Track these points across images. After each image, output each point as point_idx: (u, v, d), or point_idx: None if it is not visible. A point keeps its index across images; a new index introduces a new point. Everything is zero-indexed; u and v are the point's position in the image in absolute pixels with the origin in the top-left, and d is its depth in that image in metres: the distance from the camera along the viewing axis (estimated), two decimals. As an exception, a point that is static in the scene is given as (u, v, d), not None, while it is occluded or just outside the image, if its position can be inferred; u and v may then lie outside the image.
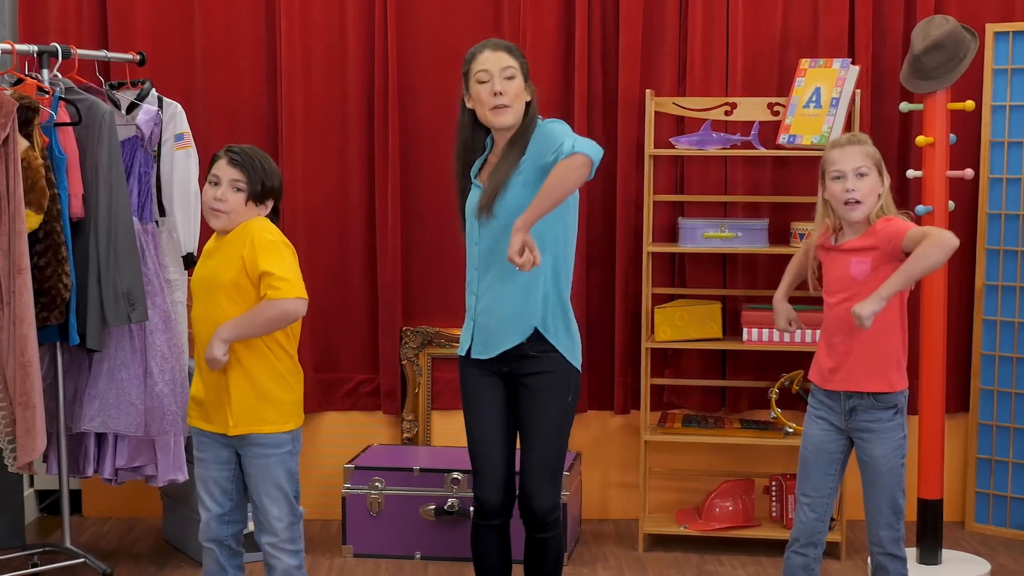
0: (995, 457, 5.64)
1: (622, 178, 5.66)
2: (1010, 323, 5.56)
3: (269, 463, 3.92)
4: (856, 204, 3.98)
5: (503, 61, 4.04)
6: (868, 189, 3.98)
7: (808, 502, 4.12)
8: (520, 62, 4.07)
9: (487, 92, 4.01)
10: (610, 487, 5.87)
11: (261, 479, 3.92)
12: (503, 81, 4.01)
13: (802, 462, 4.16)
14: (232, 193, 3.86)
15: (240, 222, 3.89)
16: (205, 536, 4.03)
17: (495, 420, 4.14)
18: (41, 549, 5.11)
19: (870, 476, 4.07)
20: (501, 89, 4.00)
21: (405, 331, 5.79)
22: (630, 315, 5.70)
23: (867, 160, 3.99)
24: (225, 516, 3.99)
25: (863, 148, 4.02)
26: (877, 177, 4.00)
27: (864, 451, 4.07)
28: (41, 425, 4.50)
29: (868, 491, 4.09)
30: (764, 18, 5.63)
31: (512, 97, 4.01)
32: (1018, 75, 5.51)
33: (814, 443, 4.12)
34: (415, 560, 5.33)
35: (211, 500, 4.00)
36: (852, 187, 3.97)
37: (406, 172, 5.72)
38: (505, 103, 4.00)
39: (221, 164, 3.89)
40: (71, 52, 4.94)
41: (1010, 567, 5.26)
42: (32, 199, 4.48)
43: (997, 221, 5.58)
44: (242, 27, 5.71)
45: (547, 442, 4.10)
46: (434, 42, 5.72)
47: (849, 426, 4.06)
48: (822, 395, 4.11)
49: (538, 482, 4.08)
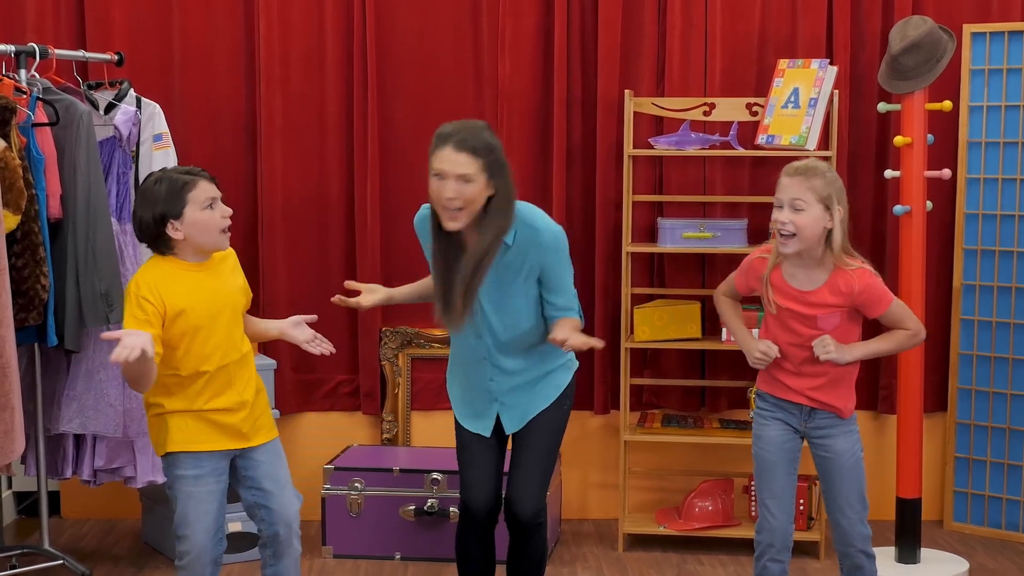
0: (973, 456, 5.66)
1: (601, 178, 5.67)
2: (987, 323, 5.58)
3: (276, 447, 3.98)
4: (789, 237, 3.88)
5: (461, 166, 3.78)
6: (804, 223, 3.85)
7: (775, 504, 4.07)
8: (484, 161, 3.81)
9: (437, 191, 3.82)
10: (590, 487, 5.87)
11: (274, 465, 3.95)
12: (457, 184, 3.80)
13: (762, 465, 4.10)
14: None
15: None
16: (202, 561, 3.83)
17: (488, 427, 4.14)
18: (19, 551, 5.09)
19: (836, 472, 4.04)
20: (454, 194, 3.79)
21: (384, 332, 5.79)
22: (609, 315, 5.71)
23: (807, 193, 3.85)
24: (219, 533, 3.91)
25: (808, 181, 3.86)
26: (822, 211, 3.86)
27: (826, 448, 4.04)
28: (20, 427, 4.48)
29: (836, 488, 4.05)
30: (742, 18, 5.65)
31: (466, 201, 3.81)
32: (995, 76, 5.53)
33: (775, 444, 4.08)
34: (395, 561, 5.32)
35: (210, 518, 3.84)
36: (785, 219, 3.87)
37: (385, 173, 5.71)
38: (458, 206, 3.81)
39: (207, 186, 3.77)
40: (48, 52, 4.92)
41: (988, 566, 5.28)
42: (10, 200, 4.46)
43: (974, 221, 5.60)
44: (220, 27, 5.69)
45: (540, 447, 4.10)
46: (413, 43, 5.71)
47: (808, 426, 4.06)
48: (774, 399, 4.10)
49: (527, 487, 4.07)
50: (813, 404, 4.03)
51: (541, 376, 4.09)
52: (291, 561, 3.97)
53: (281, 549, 3.95)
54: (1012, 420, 5.53)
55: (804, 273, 3.97)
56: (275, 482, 3.94)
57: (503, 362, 4.04)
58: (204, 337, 3.79)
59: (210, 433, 3.85)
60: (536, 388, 4.09)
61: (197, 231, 3.75)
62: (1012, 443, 5.54)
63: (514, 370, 4.05)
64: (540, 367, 4.08)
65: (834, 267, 3.94)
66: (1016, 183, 5.50)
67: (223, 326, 3.83)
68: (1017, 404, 5.52)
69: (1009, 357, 5.53)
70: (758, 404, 4.16)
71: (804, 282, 3.97)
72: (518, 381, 4.07)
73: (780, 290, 4.00)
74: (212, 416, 3.84)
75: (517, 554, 4.19)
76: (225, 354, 3.83)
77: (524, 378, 4.07)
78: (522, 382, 4.07)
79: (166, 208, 3.71)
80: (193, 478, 3.83)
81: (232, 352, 3.85)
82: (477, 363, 4.06)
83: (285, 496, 3.94)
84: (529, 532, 4.11)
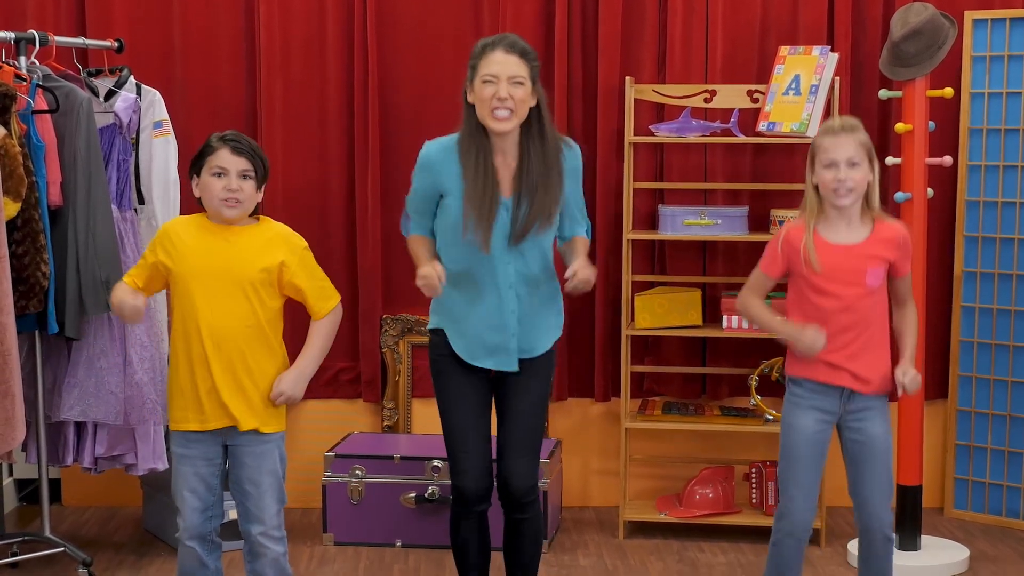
0: (974, 443, 5.66)
1: (602, 165, 5.66)
2: (988, 310, 5.58)
3: (266, 450, 3.94)
4: (848, 192, 3.93)
5: (512, 68, 3.92)
6: (859, 178, 3.93)
7: (800, 494, 4.03)
8: (532, 67, 3.96)
9: (490, 93, 3.91)
10: (590, 474, 5.87)
11: (257, 468, 3.93)
12: (510, 86, 3.91)
13: (793, 453, 4.04)
14: (243, 182, 3.87)
15: (249, 209, 3.92)
16: (188, 535, 3.96)
17: (475, 409, 4.14)
18: (20, 538, 5.09)
19: (871, 456, 4.02)
20: (507, 94, 3.90)
21: (385, 319, 5.79)
22: (610, 302, 5.70)
23: (860, 150, 3.93)
24: (208, 511, 3.96)
25: (855, 136, 3.94)
26: (868, 166, 3.95)
27: (863, 432, 4.02)
28: (20, 414, 4.48)
29: (868, 473, 4.02)
30: (743, 5, 5.64)
31: (517, 103, 3.92)
32: (996, 62, 5.52)
33: (807, 435, 4.02)
34: (396, 548, 5.33)
35: (194, 496, 3.94)
36: (844, 176, 3.91)
37: (386, 160, 5.71)
38: (509, 107, 3.91)
39: (224, 155, 3.85)
40: (48, 39, 4.91)
41: (989, 553, 5.28)
42: (10, 187, 4.46)
43: (975, 208, 5.60)
44: (221, 14, 5.69)
45: (528, 421, 4.12)
46: (414, 29, 5.70)
47: (846, 408, 4.02)
48: (813, 384, 4.03)
49: (518, 461, 4.09)
50: (855, 385, 4.00)
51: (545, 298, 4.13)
52: (268, 562, 3.97)
53: (255, 549, 3.97)
54: (1013, 407, 5.53)
55: (847, 229, 3.98)
56: (255, 485, 3.93)
57: (522, 286, 4.06)
58: (191, 292, 3.87)
59: (198, 412, 3.91)
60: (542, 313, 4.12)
61: (203, 194, 3.91)
62: (1013, 430, 5.54)
63: (528, 293, 4.07)
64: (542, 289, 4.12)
65: (873, 220, 3.99)
66: (1017, 170, 5.49)
67: (219, 291, 3.86)
68: (1018, 391, 5.52)
69: (1010, 344, 5.52)
70: (793, 390, 4.08)
71: (849, 236, 3.98)
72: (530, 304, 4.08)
73: (824, 250, 3.98)
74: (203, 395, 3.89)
75: (513, 533, 4.19)
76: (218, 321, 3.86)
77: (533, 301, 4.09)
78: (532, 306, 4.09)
79: (192, 166, 3.94)
80: (180, 456, 3.96)
81: (230, 323, 3.86)
82: (501, 289, 4.04)
83: (263, 500, 3.93)
84: (524, 506, 4.13)
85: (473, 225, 3.96)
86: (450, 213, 4.01)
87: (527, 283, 4.07)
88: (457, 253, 4.04)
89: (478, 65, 3.96)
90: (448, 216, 4.02)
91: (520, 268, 4.04)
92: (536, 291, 4.10)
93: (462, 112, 4.04)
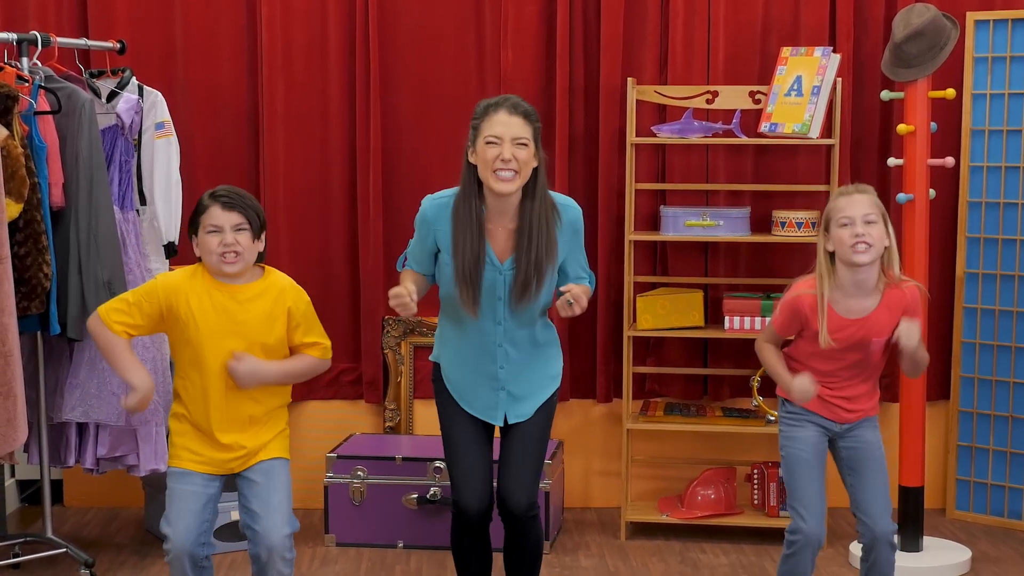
0: (976, 444, 5.66)
1: (604, 166, 5.66)
2: (990, 311, 5.58)
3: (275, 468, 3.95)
4: (867, 248, 3.92)
5: (516, 130, 3.88)
6: (878, 236, 3.94)
7: (810, 506, 4.04)
8: (535, 128, 3.93)
9: (494, 155, 3.87)
10: (592, 475, 5.87)
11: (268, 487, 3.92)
12: (514, 147, 3.87)
13: (796, 464, 4.08)
14: (239, 235, 3.86)
15: (250, 261, 3.92)
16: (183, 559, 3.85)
17: (478, 432, 4.13)
18: (22, 539, 5.09)
19: (870, 462, 4.07)
20: (511, 155, 3.86)
21: (387, 320, 5.79)
22: (612, 303, 5.70)
23: (875, 209, 3.95)
24: (201, 536, 3.90)
25: (870, 197, 3.98)
26: (884, 229, 3.96)
27: (858, 438, 4.08)
28: (22, 415, 4.48)
29: (869, 479, 4.07)
30: (745, 6, 5.63)
31: (521, 164, 3.88)
32: (998, 63, 5.52)
33: (810, 443, 4.08)
34: (398, 549, 5.33)
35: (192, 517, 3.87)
36: (862, 231, 3.92)
37: (387, 161, 5.71)
38: (513, 168, 3.87)
39: (216, 212, 3.85)
40: (51, 40, 4.91)
41: (991, 554, 5.28)
42: (12, 188, 4.46)
43: (977, 209, 5.60)
44: (223, 15, 5.69)
45: (530, 444, 4.11)
46: (415, 30, 5.70)
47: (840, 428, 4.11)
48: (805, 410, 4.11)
49: (519, 480, 4.07)
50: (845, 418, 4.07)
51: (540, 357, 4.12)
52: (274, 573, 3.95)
53: (263, 569, 3.93)
54: (1015, 408, 5.53)
55: (857, 297, 4.00)
56: (264, 505, 3.91)
57: (513, 348, 4.05)
58: (195, 350, 3.87)
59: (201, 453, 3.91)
60: (536, 372, 4.11)
61: (202, 252, 3.91)
62: (1015, 431, 5.54)
63: (520, 354, 4.07)
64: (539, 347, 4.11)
65: (885, 286, 4.00)
66: (1019, 171, 5.49)
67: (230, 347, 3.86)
68: (1020, 392, 5.51)
69: (1012, 345, 5.52)
70: (787, 408, 4.15)
71: (858, 311, 4.00)
72: (522, 365, 4.07)
73: (834, 323, 3.99)
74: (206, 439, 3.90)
75: (513, 545, 4.20)
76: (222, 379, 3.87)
77: (527, 362, 4.08)
78: (525, 367, 4.08)
79: (189, 226, 3.95)
80: (179, 475, 3.92)
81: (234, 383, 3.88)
82: (491, 349, 4.05)
83: (271, 521, 3.89)
84: (524, 524, 4.12)
85: (460, 289, 3.97)
86: (447, 271, 4.02)
87: (517, 340, 4.06)
88: (452, 312, 4.08)
89: (481, 126, 3.91)
90: (446, 274, 4.04)
91: (511, 329, 4.04)
92: (528, 346, 4.08)
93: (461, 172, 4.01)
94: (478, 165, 3.92)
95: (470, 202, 3.95)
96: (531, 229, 3.94)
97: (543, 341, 4.13)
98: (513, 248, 3.97)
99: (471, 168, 3.96)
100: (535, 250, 3.93)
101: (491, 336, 4.03)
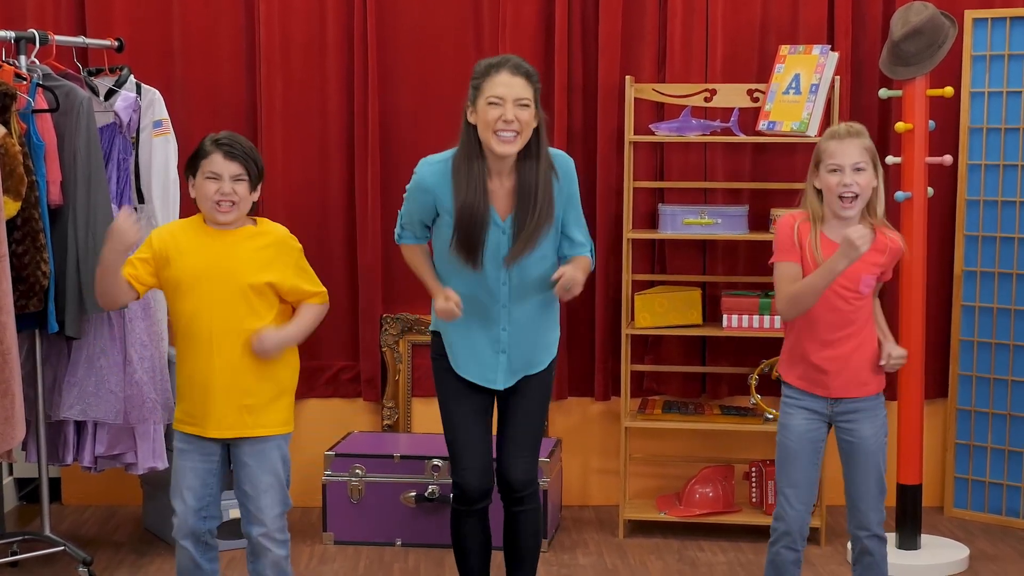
0: (974, 442, 5.66)
1: (602, 165, 5.66)
2: (988, 309, 5.58)
3: (267, 450, 3.94)
4: (853, 200, 3.93)
5: (518, 90, 3.89)
6: (864, 183, 3.93)
7: (794, 494, 4.05)
8: (535, 88, 3.94)
9: (496, 115, 3.87)
10: (590, 473, 5.87)
11: (258, 469, 3.93)
12: (516, 108, 3.88)
13: (784, 453, 4.09)
14: (237, 184, 3.87)
15: (245, 211, 3.93)
16: (181, 533, 3.97)
17: (475, 407, 4.15)
18: (20, 537, 5.09)
19: (858, 457, 4.06)
20: (513, 116, 3.87)
21: (385, 318, 5.79)
22: (610, 302, 5.71)
23: (865, 155, 3.93)
24: (203, 511, 3.96)
25: (861, 142, 3.95)
26: (872, 172, 3.95)
27: (851, 432, 4.05)
28: (20, 413, 4.47)
29: (855, 474, 4.07)
30: (743, 4, 5.64)
31: (523, 125, 3.89)
32: (997, 61, 5.52)
33: (798, 433, 4.07)
34: (396, 547, 5.33)
35: (191, 494, 3.94)
36: (849, 181, 3.91)
37: (386, 158, 5.71)
38: (515, 129, 3.88)
39: (217, 159, 3.86)
40: (48, 38, 4.91)
41: (988, 552, 5.28)
42: (10, 186, 4.46)
43: (975, 207, 5.60)
44: (221, 13, 5.69)
45: (529, 420, 4.14)
46: (414, 28, 5.70)
47: (835, 410, 4.06)
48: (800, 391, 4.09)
49: (517, 455, 4.11)
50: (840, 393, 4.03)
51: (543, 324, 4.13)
52: (269, 563, 3.97)
53: (256, 549, 3.98)
54: (1013, 406, 5.53)
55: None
56: (254, 486, 3.93)
57: (516, 309, 4.05)
58: (190, 294, 3.88)
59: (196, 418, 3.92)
60: (539, 337, 4.13)
61: (198, 196, 3.92)
62: (1013, 429, 5.54)
63: (523, 318, 4.07)
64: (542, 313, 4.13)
65: (873, 228, 3.98)
66: (1017, 169, 5.49)
67: (218, 294, 3.86)
68: (1018, 390, 5.52)
69: (1010, 343, 5.52)
70: (784, 391, 4.14)
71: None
72: (525, 330, 4.08)
73: (828, 247, 3.95)
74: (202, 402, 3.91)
75: (512, 527, 4.20)
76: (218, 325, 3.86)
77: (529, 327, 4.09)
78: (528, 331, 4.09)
79: (187, 166, 3.96)
80: (179, 451, 3.97)
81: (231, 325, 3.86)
82: (494, 311, 4.05)
83: (263, 501, 3.92)
84: (523, 498, 4.13)
85: (463, 244, 3.96)
86: (446, 231, 4.01)
87: (521, 303, 4.07)
88: (452, 269, 4.05)
89: (482, 85, 3.91)
90: (444, 234, 4.02)
91: (515, 288, 4.04)
92: (531, 311, 4.10)
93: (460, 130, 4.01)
94: (478, 125, 3.93)
95: (472, 162, 3.95)
96: (534, 188, 3.95)
97: (547, 308, 4.14)
98: (513, 206, 3.98)
99: (471, 128, 3.96)
100: (537, 208, 3.95)
101: (495, 296, 4.04)
